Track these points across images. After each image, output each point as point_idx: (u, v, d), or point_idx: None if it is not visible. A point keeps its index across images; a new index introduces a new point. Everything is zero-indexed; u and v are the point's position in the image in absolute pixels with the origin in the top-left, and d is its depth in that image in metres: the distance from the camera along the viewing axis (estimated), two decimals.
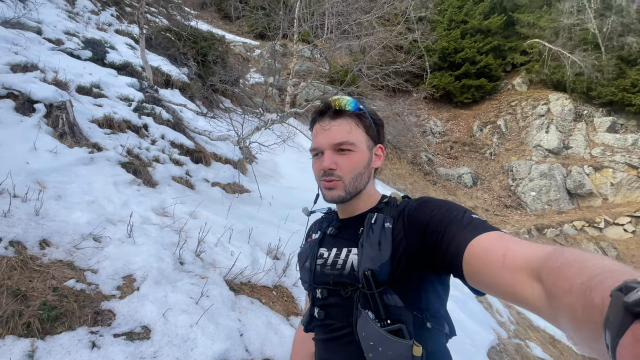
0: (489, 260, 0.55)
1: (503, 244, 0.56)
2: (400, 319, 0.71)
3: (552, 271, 0.43)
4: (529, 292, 0.47)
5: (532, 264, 0.48)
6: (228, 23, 20.06)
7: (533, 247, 0.52)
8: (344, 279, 0.79)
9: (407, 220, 0.74)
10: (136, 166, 3.53)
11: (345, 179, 0.81)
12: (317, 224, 0.99)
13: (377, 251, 0.73)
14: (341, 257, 0.81)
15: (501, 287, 0.53)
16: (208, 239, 2.53)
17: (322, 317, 0.84)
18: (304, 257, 0.91)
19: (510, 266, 0.52)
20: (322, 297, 0.84)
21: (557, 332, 5.01)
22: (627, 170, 12.14)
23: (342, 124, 0.83)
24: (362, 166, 0.83)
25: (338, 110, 0.83)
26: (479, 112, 16.17)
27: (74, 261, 1.70)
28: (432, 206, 0.73)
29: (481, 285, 0.59)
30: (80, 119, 3.76)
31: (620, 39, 14.02)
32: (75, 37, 5.97)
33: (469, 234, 0.61)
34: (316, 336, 0.90)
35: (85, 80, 4.75)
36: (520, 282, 0.49)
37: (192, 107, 6.21)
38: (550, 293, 0.43)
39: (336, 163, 0.81)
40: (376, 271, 0.72)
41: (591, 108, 14.03)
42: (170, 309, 1.50)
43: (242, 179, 4.86)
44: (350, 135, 0.82)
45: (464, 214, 0.67)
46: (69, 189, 2.62)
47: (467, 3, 16.77)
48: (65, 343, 1.19)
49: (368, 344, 0.71)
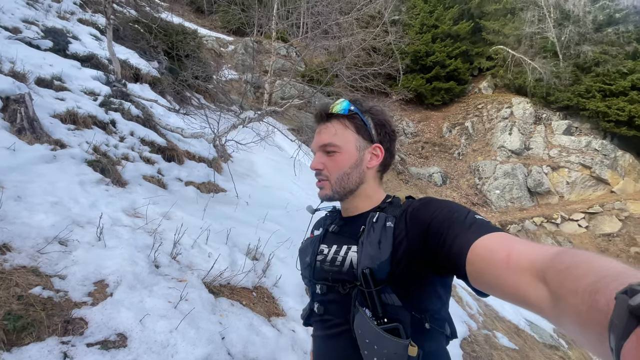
0: (493, 261, 0.55)
1: (507, 245, 0.55)
2: (398, 318, 0.71)
3: (558, 273, 0.43)
4: (534, 294, 0.47)
5: (537, 265, 0.48)
6: (200, 17, 19.46)
7: (538, 248, 0.51)
8: (342, 276, 0.80)
9: (409, 220, 0.75)
10: (104, 164, 3.35)
11: (331, 179, 0.84)
12: (320, 222, 1.00)
13: (377, 250, 0.73)
14: (340, 254, 0.82)
15: (505, 288, 0.52)
16: (184, 240, 2.45)
17: (322, 313, 0.85)
18: (305, 253, 0.93)
19: (515, 267, 0.51)
20: (322, 292, 0.85)
21: (520, 322, 5.32)
22: (581, 170, 13.10)
23: (329, 127, 0.85)
24: (348, 166, 0.84)
25: (329, 114, 0.86)
26: (449, 113, 16.81)
27: (39, 267, 1.58)
28: (434, 207, 0.73)
29: (485, 287, 0.58)
30: (40, 113, 3.50)
31: (576, 48, 15.09)
32: (35, 25, 5.55)
33: (472, 235, 0.61)
34: (315, 332, 0.91)
35: (45, 71, 4.43)
36: (524, 283, 0.49)
37: (164, 103, 5.98)
38: (555, 295, 0.43)
39: (323, 163, 0.85)
40: (375, 270, 0.72)
41: (549, 112, 15.00)
42: (148, 315, 1.44)
43: (217, 178, 4.74)
44: (334, 137, 0.84)
45: (467, 215, 0.67)
46: (30, 188, 2.44)
47: (438, 8, 17.34)
48: (35, 355, 1.11)
49: (364, 341, 0.71)
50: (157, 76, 7.17)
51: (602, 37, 14.81)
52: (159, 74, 7.40)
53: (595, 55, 14.40)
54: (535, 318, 6.18)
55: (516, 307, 6.14)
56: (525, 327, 5.04)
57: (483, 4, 18.00)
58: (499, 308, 5.30)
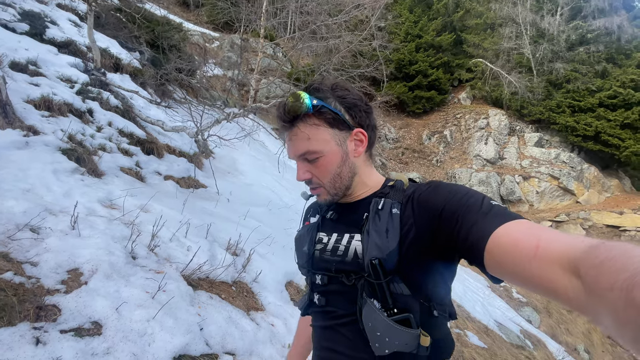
0: (519, 251, 0.52)
1: (535, 234, 0.53)
2: (407, 308, 0.69)
3: (593, 267, 0.40)
4: (566, 288, 0.45)
5: (570, 257, 0.45)
6: (186, 11, 19.10)
7: (570, 239, 0.49)
8: (347, 267, 0.75)
9: (417, 206, 0.70)
10: (79, 154, 3.24)
11: (324, 185, 0.78)
12: (314, 207, 0.93)
13: (385, 239, 0.69)
14: (342, 243, 0.77)
15: (533, 279, 0.50)
16: (162, 233, 2.41)
17: (323, 304, 0.81)
18: (302, 241, 0.87)
19: (544, 258, 0.49)
20: (323, 283, 0.80)
21: (489, 322, 5.54)
22: (550, 181, 13.78)
23: (298, 133, 0.75)
24: (336, 166, 0.77)
25: (291, 119, 0.75)
26: (429, 122, 17.28)
27: (9, 252, 1.52)
28: (446, 191, 0.68)
29: (506, 275, 0.55)
30: (13, 98, 3.35)
31: (550, 65, 15.91)
32: (11, 7, 5.30)
33: (491, 223, 0.57)
34: (315, 322, 0.87)
35: (20, 55, 4.24)
36: (555, 276, 0.46)
37: (145, 95, 5.83)
38: (590, 290, 0.40)
39: (310, 172, 0.78)
40: (384, 260, 0.68)
41: (523, 124, 15.72)
42: (125, 303, 1.41)
43: (197, 174, 4.66)
44: (309, 142, 0.75)
45: (483, 200, 0.63)
46: (0, 175, 2.34)
47: (423, 19, 17.83)
48: (6, 339, 1.06)
49: (374, 333, 0.69)
50: (138, 67, 6.98)
51: (574, 56, 15.69)
52: (141, 65, 7.21)
53: (566, 73, 15.23)
54: (503, 319, 6.44)
55: (486, 308, 6.38)
56: (494, 328, 5.24)
57: (465, 18, 18.66)
58: (470, 309, 5.49)
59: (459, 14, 18.55)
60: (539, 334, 7.29)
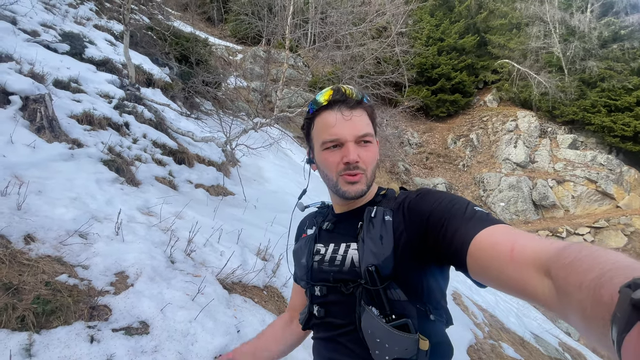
0: (496, 254, 0.53)
1: (510, 238, 0.54)
2: (405, 314, 0.70)
3: (563, 267, 0.42)
4: (539, 288, 0.46)
5: (542, 259, 0.47)
6: (210, 26, 19.88)
7: (542, 242, 0.51)
8: (344, 275, 0.77)
9: (407, 212, 0.72)
10: (119, 164, 3.43)
11: (367, 172, 0.78)
12: (310, 219, 0.94)
13: (380, 245, 0.71)
14: (340, 252, 0.79)
15: (509, 281, 0.52)
16: (196, 239, 2.50)
17: (323, 315, 0.81)
18: (300, 254, 0.87)
19: (519, 260, 0.50)
20: (322, 294, 0.81)
21: (525, 334, 5.27)
22: (586, 184, 13.06)
23: (362, 115, 0.79)
24: (377, 156, 0.81)
25: (358, 100, 0.78)
26: (453, 125, 16.91)
27: (62, 257, 1.64)
28: (433, 198, 0.70)
29: (486, 279, 0.57)
30: (58, 113, 3.61)
31: (582, 63, 15.23)
32: (52, 29, 5.73)
33: (473, 227, 0.59)
34: (316, 335, 0.87)
35: (62, 74, 4.57)
36: (529, 277, 0.48)
37: (175, 108, 6.10)
38: (560, 289, 0.42)
39: (359, 155, 0.77)
40: (380, 266, 0.70)
41: (555, 126, 15.05)
42: (169, 304, 1.48)
43: (225, 182, 4.81)
44: (369, 126, 0.79)
45: (467, 206, 0.65)
46: (49, 184, 2.52)
47: (444, 22, 17.61)
48: (63, 337, 1.15)
49: (374, 341, 0.69)
50: (168, 82, 7.33)
51: (607, 53, 14.94)
52: (170, 80, 7.56)
53: (600, 71, 14.51)
54: (540, 331, 6.12)
55: (521, 319, 6.09)
56: (530, 340, 4.99)
57: (489, 19, 18.26)
58: (504, 319, 5.26)
59: (482, 15, 18.18)
60: (579, 347, 6.85)
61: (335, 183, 0.80)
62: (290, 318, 1.02)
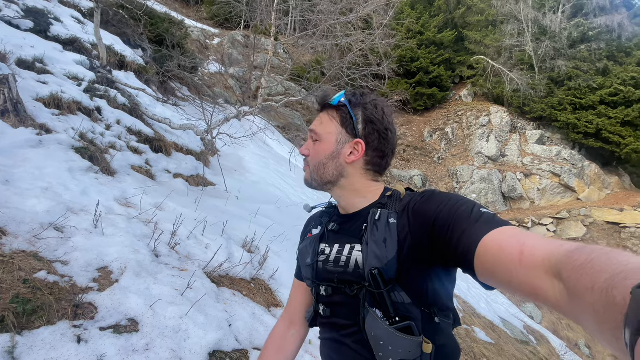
0: (504, 257, 0.53)
1: (519, 240, 0.54)
2: (409, 316, 0.70)
3: (574, 269, 0.42)
4: (550, 291, 0.46)
5: (552, 262, 0.46)
6: (185, 7, 18.99)
7: (552, 244, 0.50)
8: (349, 277, 0.77)
9: (412, 215, 0.72)
10: (92, 152, 3.24)
11: (311, 165, 0.85)
12: (316, 219, 0.95)
13: (383, 249, 0.71)
14: (344, 253, 0.79)
15: (519, 285, 0.51)
16: (180, 231, 2.43)
17: (328, 315, 0.83)
18: (305, 254, 0.88)
19: (528, 264, 0.50)
20: (327, 294, 0.82)
21: (494, 318, 5.59)
22: (551, 178, 13.84)
23: (321, 116, 0.86)
24: (324, 156, 0.82)
25: (322, 104, 0.86)
26: (430, 119, 17.28)
27: (39, 252, 1.54)
28: (438, 200, 0.70)
29: (494, 282, 0.57)
30: (23, 96, 3.35)
31: (552, 62, 15.92)
32: (15, 4, 5.26)
33: (480, 230, 0.59)
34: (322, 335, 0.88)
35: (26, 53, 4.22)
36: (539, 280, 0.48)
37: (150, 93, 5.82)
38: (571, 292, 0.42)
39: (308, 149, 0.85)
40: (383, 269, 0.70)
41: (524, 122, 15.75)
42: (160, 300, 1.43)
43: (206, 172, 4.68)
44: (320, 126, 0.84)
45: (473, 208, 0.65)
46: (17, 173, 2.35)
47: (424, 16, 17.77)
48: (47, 338, 1.08)
49: (378, 343, 0.70)
50: (142, 65, 6.95)
51: (575, 53, 15.69)
52: (144, 63, 7.18)
53: (568, 70, 15.25)
54: (507, 315, 6.51)
55: (490, 305, 6.44)
56: (499, 324, 5.30)
57: (467, 15, 18.62)
58: (475, 305, 5.53)
59: (461, 10, 18.50)
60: (541, 330, 7.36)
61: None
62: (289, 321, 0.99)
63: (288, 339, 0.97)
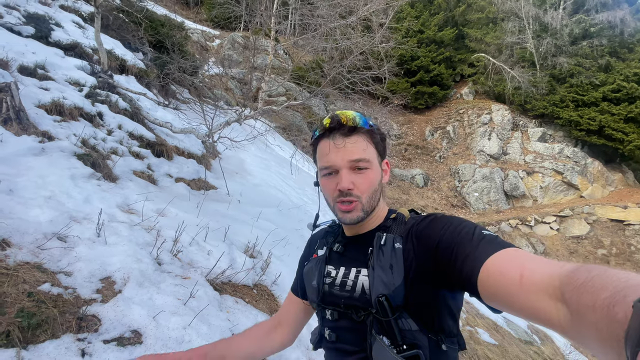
0: (505, 282, 0.53)
1: (519, 263, 0.54)
2: (416, 344, 0.69)
3: (575, 289, 0.42)
4: (554, 314, 0.46)
5: (555, 284, 0.47)
6: (185, 8, 19.02)
7: (552, 265, 0.50)
8: (355, 302, 0.77)
9: (416, 240, 0.72)
10: (94, 158, 3.26)
11: (362, 199, 0.78)
12: (321, 238, 0.93)
13: (390, 275, 0.70)
14: (350, 277, 0.78)
15: (522, 309, 0.52)
16: (182, 238, 2.43)
17: (334, 340, 0.81)
18: (311, 275, 0.86)
19: (529, 287, 0.50)
20: (333, 319, 0.81)
21: (497, 319, 5.58)
22: (553, 176, 13.78)
23: (357, 142, 0.78)
24: (377, 183, 0.80)
25: (352, 127, 0.78)
26: (431, 117, 17.24)
27: (42, 263, 1.55)
28: (441, 224, 0.70)
29: (499, 305, 0.57)
30: (25, 103, 3.36)
31: (553, 59, 15.84)
32: (16, 10, 5.29)
33: (481, 253, 0.59)
34: (327, 359, 0.88)
35: (28, 59, 4.24)
36: (541, 304, 0.48)
37: (151, 96, 5.84)
38: (573, 311, 0.42)
39: (353, 182, 0.77)
40: (391, 296, 0.69)
41: (526, 119, 15.68)
42: (162, 311, 1.44)
43: (207, 175, 4.69)
44: (365, 152, 0.78)
45: (474, 231, 0.65)
46: (20, 182, 2.36)
47: (424, 14, 17.72)
48: (52, 352, 1.09)
49: None
50: (143, 68, 6.97)
51: (577, 50, 15.61)
52: (145, 66, 7.20)
53: (570, 67, 15.17)
54: (510, 315, 6.49)
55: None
56: (502, 324, 5.29)
57: (467, 13, 18.55)
58: (478, 305, 5.53)
59: (461, 8, 18.43)
60: (545, 329, 7.33)
61: (333, 208, 0.81)
62: (274, 326, 0.98)
63: (267, 340, 0.95)
